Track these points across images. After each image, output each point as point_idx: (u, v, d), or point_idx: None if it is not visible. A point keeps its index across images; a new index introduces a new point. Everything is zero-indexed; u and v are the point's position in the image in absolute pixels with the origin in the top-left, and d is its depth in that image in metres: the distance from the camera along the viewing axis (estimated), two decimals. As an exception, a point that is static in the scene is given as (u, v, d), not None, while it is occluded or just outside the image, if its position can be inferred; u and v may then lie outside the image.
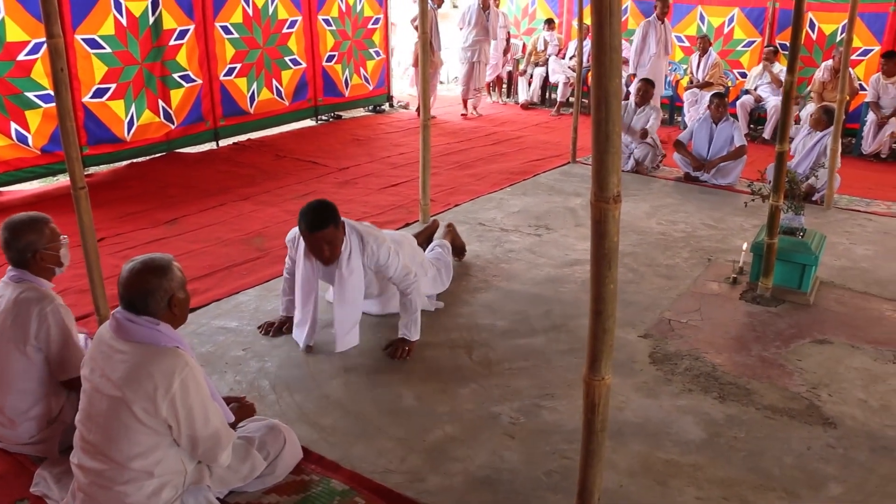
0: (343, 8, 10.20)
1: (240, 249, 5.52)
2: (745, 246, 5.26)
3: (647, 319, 4.57)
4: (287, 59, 9.47)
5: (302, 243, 3.91)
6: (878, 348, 4.30)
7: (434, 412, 3.55)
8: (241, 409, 3.10)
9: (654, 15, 10.13)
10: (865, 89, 9.55)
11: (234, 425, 2.92)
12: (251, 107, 9.07)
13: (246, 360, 3.97)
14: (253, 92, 9.05)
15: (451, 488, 3.05)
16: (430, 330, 4.31)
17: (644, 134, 8.02)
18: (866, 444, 3.40)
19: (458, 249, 5.27)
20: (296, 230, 3.96)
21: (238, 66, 8.77)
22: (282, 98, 9.51)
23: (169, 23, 7.82)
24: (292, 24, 9.42)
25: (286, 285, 4.28)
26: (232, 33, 8.62)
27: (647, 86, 8.19)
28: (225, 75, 8.64)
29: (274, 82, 9.34)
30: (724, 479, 3.13)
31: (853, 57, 9.91)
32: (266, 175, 7.57)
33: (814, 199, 7.02)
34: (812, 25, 10.42)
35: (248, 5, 8.74)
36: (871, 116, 9.33)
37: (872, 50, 9.97)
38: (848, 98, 9.34)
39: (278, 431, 3.02)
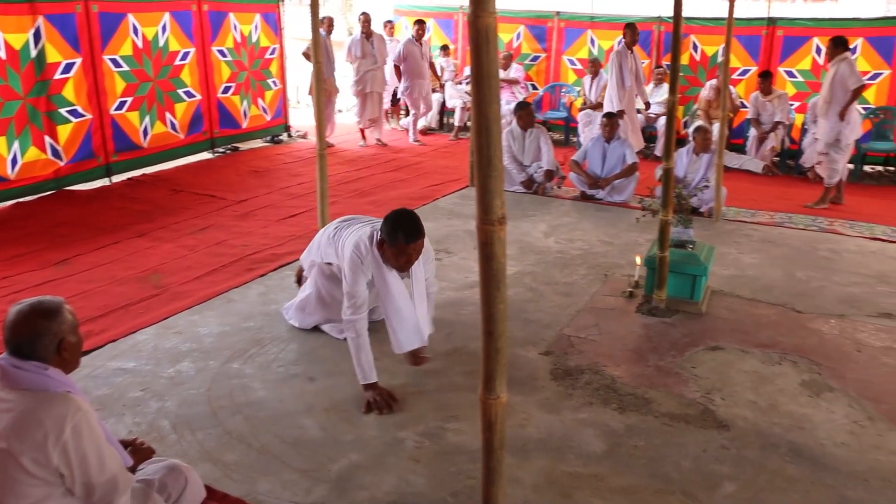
0: (238, 39, 10.10)
1: (136, 288, 5.36)
2: (638, 260, 5.43)
3: (547, 337, 4.66)
4: (180, 91, 9.29)
5: (374, 256, 3.92)
6: (765, 351, 4.51)
7: (339, 441, 3.53)
8: (138, 451, 3.00)
9: (623, 44, 9.51)
10: (747, 107, 10.04)
11: (133, 469, 2.83)
12: (145, 141, 8.84)
13: (145, 401, 3.85)
14: (146, 126, 8.83)
15: (359, 517, 3.03)
16: (332, 358, 4.29)
17: (550, 175, 8.22)
18: (756, 442, 3.56)
19: None
20: (353, 252, 3.90)
21: (129, 99, 8.55)
22: (176, 131, 9.31)
23: (53, 56, 7.57)
24: (185, 55, 9.26)
25: (363, 323, 3.94)
26: (122, 66, 8.40)
27: (529, 110, 8.38)
28: (116, 109, 8.40)
29: (168, 115, 9.14)
30: (626, 487, 3.22)
31: (733, 76, 10.44)
32: (162, 210, 7.39)
33: (701, 210, 7.32)
34: (695, 47, 10.91)
35: (138, 37, 8.54)
36: (752, 132, 9.85)
37: (750, 70, 10.50)
38: (731, 115, 9.84)
39: (179, 471, 2.94)
